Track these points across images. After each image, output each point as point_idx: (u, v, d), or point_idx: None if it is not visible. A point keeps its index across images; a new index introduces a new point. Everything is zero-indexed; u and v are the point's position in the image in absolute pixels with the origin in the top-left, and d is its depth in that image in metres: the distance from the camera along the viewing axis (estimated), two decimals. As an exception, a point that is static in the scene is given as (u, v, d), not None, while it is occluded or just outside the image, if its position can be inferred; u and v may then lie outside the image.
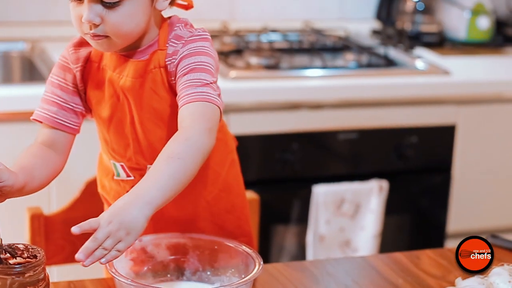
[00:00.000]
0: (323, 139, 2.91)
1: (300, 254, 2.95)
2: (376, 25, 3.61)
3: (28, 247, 1.45)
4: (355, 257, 2.20)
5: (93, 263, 1.44)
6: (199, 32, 1.73)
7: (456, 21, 3.51)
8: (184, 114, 1.63)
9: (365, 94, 2.93)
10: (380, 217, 2.94)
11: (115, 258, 1.46)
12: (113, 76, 1.73)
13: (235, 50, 3.09)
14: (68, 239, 2.14)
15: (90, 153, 2.64)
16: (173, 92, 1.71)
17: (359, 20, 3.61)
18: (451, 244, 3.13)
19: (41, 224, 2.10)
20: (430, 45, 3.44)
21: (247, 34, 3.26)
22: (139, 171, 1.79)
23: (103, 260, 1.44)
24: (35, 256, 1.43)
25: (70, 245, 2.14)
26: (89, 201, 2.15)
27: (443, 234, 3.14)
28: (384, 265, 1.91)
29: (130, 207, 1.47)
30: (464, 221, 3.15)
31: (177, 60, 1.70)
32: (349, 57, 3.21)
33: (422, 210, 3.11)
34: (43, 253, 1.44)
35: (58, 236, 2.13)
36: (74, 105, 1.78)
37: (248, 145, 2.80)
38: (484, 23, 3.49)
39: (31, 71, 3.03)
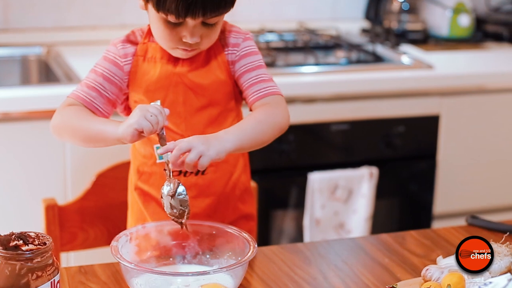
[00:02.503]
0: (317, 130, 2.90)
1: (298, 236, 2.93)
2: (365, 24, 3.59)
3: (39, 235, 1.44)
4: (345, 238, 2.19)
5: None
6: (245, 32, 1.89)
7: (439, 19, 3.49)
8: (267, 100, 1.81)
9: (355, 88, 2.91)
10: (371, 201, 2.92)
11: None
12: (168, 63, 1.81)
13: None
14: (81, 227, 2.14)
15: (101, 149, 2.64)
16: (229, 75, 1.84)
17: (349, 20, 3.59)
18: (437, 225, 3.12)
19: (55, 213, 2.08)
20: (415, 42, 3.42)
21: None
22: None
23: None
24: (45, 243, 1.42)
25: (82, 233, 2.14)
26: (100, 192, 2.14)
27: (430, 215, 3.12)
28: (372, 245, 1.90)
29: (212, 139, 1.64)
30: (448, 203, 3.14)
31: (238, 54, 1.84)
32: (340, 54, 3.19)
33: (410, 194, 3.10)
34: (51, 240, 1.42)
35: (72, 224, 2.12)
36: (111, 94, 1.82)
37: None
38: (465, 20, 3.47)
39: (47, 73, 3.03)
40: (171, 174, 1.66)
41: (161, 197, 1.67)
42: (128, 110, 1.88)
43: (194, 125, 1.82)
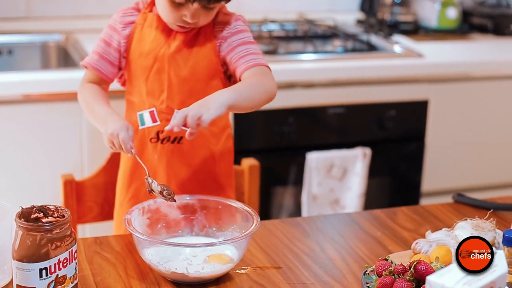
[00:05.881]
0: (315, 113, 2.88)
1: (296, 211, 2.93)
2: (360, 15, 3.57)
3: (58, 208, 1.43)
4: (341, 213, 2.17)
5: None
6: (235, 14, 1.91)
7: (429, 12, 3.47)
8: (253, 72, 1.78)
9: (351, 74, 2.89)
10: (364, 179, 2.91)
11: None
12: (162, 33, 1.84)
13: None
14: (96, 201, 2.13)
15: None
16: (214, 50, 1.84)
17: (345, 11, 3.57)
18: (425, 202, 3.11)
19: (73, 188, 2.07)
20: (406, 32, 3.40)
21: (250, 25, 3.19)
22: (166, 115, 1.83)
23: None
24: (63, 216, 1.40)
25: (98, 207, 2.13)
26: (114, 169, 2.13)
27: (418, 193, 3.11)
28: (365, 220, 1.89)
29: (207, 100, 1.63)
30: (435, 182, 3.13)
31: (229, 31, 1.84)
32: (337, 43, 3.18)
33: (400, 173, 3.09)
34: (69, 213, 1.41)
35: (88, 198, 2.11)
36: (111, 56, 1.88)
37: (251, 120, 2.77)
38: (452, 13, 3.44)
39: (66, 59, 3.01)
40: (147, 173, 1.68)
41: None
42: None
43: (176, 94, 1.83)
